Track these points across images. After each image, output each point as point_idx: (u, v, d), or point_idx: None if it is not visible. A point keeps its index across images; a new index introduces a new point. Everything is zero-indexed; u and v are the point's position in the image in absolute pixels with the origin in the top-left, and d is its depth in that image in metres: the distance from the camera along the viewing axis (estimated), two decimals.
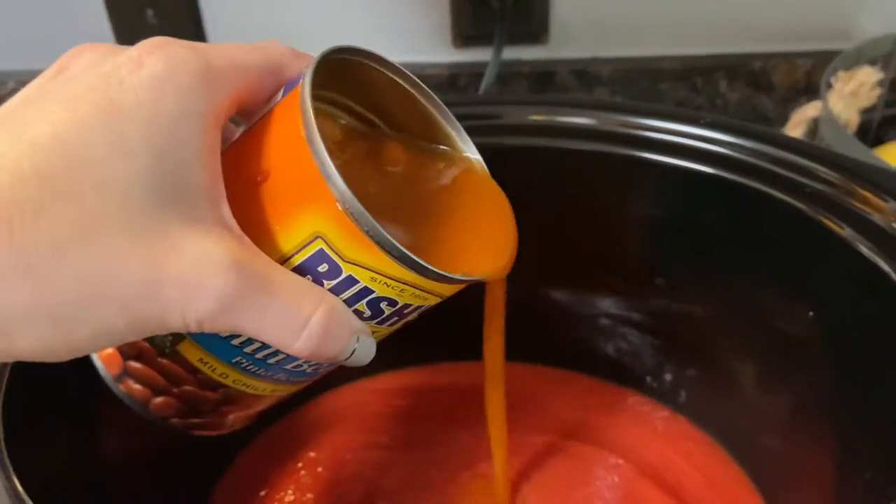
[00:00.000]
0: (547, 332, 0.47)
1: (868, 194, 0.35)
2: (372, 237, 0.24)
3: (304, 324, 0.24)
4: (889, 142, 0.66)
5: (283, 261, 0.25)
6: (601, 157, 0.42)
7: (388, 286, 0.26)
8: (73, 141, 0.21)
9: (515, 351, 0.46)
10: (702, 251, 0.42)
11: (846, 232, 0.35)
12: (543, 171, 0.44)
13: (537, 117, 0.43)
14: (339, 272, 0.25)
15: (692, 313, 0.44)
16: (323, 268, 0.25)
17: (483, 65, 0.69)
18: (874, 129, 0.71)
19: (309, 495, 0.41)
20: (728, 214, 0.40)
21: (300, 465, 0.43)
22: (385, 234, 0.24)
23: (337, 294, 0.25)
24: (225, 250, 0.22)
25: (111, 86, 0.22)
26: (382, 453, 0.43)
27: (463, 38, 0.71)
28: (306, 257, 0.25)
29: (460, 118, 0.31)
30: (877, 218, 0.34)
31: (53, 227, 0.21)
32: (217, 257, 0.22)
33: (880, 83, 0.64)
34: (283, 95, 0.26)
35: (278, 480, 0.42)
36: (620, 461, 0.43)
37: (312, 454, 0.44)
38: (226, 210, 0.24)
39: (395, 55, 0.28)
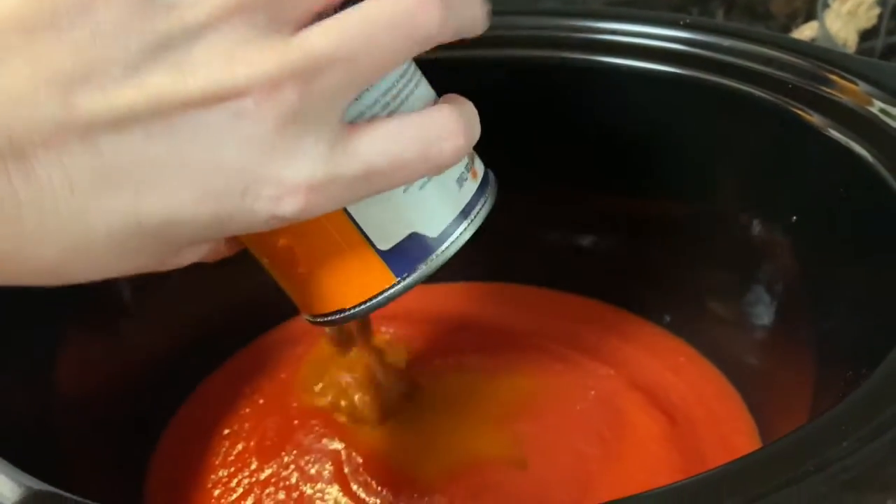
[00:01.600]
0: (524, 252, 0.46)
1: (839, 79, 0.33)
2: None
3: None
4: None
5: None
6: (570, 63, 0.40)
7: None
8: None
9: (499, 272, 0.47)
10: (678, 162, 0.41)
11: (817, 119, 0.33)
12: (519, 83, 0.43)
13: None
14: None
15: (671, 229, 0.43)
16: None
17: None
18: (877, 57, 0.69)
19: (266, 420, 0.41)
20: (700, 117, 0.39)
21: (256, 392, 0.43)
22: None
23: None
24: None
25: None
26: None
27: None
28: None
29: None
30: (849, 102, 0.32)
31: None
32: None
33: (879, 2, 0.61)
34: None
35: (234, 408, 0.42)
36: (612, 372, 0.42)
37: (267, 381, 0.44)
38: None
39: None
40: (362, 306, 0.27)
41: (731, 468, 0.22)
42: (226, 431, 0.41)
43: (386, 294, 0.27)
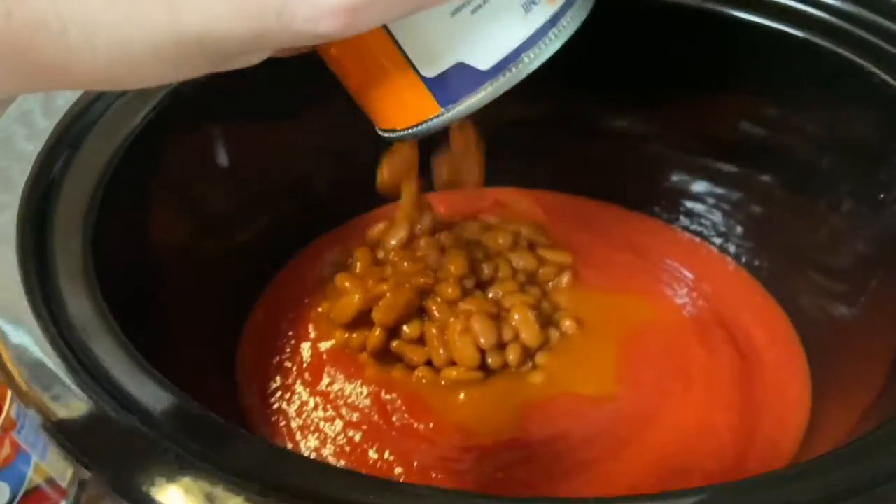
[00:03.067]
0: (649, 183, 0.48)
1: None
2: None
3: None
4: None
5: None
6: (693, 13, 0.41)
7: None
8: None
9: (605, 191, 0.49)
10: (793, 129, 0.42)
11: None
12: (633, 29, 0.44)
13: None
14: None
15: (767, 185, 0.45)
16: None
17: None
18: None
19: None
20: (811, 81, 0.40)
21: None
22: None
23: None
24: None
25: None
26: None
27: None
28: None
29: None
30: None
31: None
32: None
33: None
34: None
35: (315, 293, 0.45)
36: (706, 306, 0.45)
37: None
38: None
39: None
40: (409, 130, 0.27)
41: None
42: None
43: (430, 123, 0.26)
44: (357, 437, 0.38)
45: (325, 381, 0.41)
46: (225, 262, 0.43)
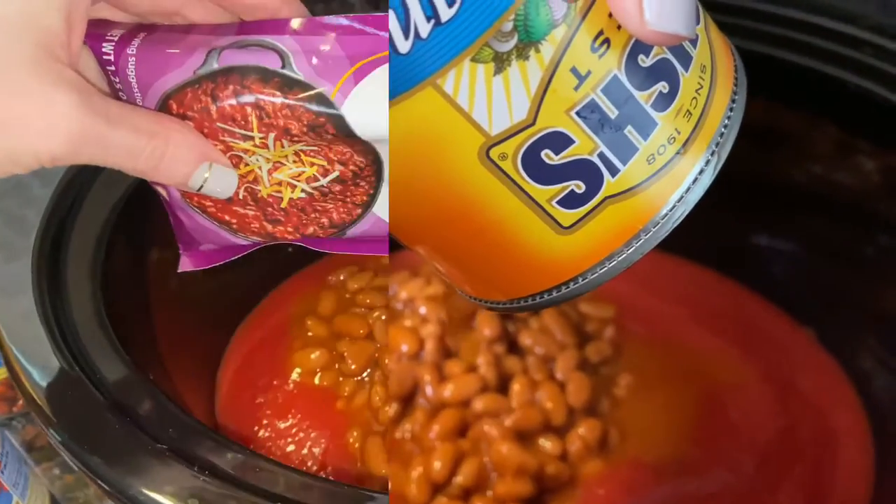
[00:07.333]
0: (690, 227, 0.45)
1: None
2: None
3: (143, 151, 0.24)
4: None
5: None
6: None
7: None
8: None
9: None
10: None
11: None
12: None
13: None
14: None
15: (832, 242, 0.42)
16: None
17: None
18: None
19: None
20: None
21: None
22: None
23: None
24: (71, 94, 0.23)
25: None
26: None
27: None
28: None
29: None
30: None
31: None
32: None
33: None
34: None
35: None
36: (771, 366, 0.42)
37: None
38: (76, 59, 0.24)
39: None
40: (530, 301, 0.23)
41: None
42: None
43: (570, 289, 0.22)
44: None
45: (292, 420, 0.39)
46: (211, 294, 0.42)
